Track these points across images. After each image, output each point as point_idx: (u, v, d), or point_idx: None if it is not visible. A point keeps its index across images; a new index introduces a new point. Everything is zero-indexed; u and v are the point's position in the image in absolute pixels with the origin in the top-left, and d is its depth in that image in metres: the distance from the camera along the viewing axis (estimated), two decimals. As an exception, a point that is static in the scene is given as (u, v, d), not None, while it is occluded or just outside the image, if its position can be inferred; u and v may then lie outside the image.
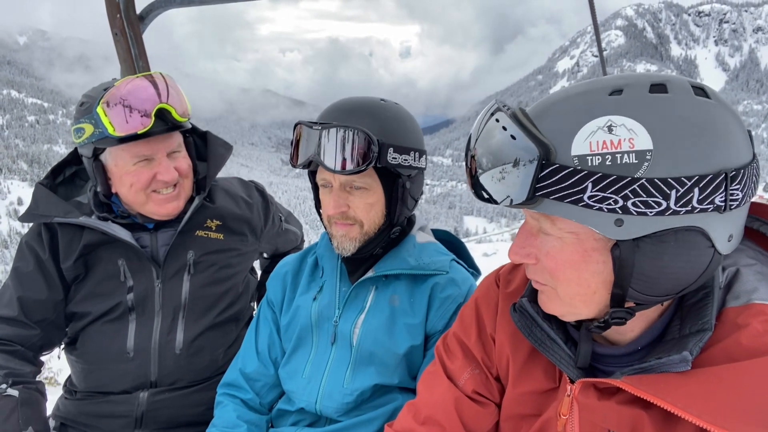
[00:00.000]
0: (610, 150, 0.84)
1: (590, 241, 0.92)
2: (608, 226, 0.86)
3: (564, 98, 0.92)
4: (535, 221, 0.99)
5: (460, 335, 1.34)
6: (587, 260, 0.93)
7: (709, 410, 0.86)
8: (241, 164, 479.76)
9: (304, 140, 1.54)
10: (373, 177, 1.58)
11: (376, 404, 1.67)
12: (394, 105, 1.64)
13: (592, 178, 0.84)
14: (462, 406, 1.27)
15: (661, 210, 0.84)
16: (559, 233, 0.94)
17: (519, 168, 0.88)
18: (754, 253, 1.05)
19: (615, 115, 0.85)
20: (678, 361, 0.91)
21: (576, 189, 0.85)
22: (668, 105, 0.85)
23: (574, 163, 0.85)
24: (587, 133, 0.85)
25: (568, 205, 0.87)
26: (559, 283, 0.98)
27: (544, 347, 1.11)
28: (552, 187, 0.87)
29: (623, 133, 0.84)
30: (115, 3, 2.45)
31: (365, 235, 1.64)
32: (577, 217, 0.87)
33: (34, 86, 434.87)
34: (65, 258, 1.97)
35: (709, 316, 0.94)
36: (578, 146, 0.85)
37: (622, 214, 0.85)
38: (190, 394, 2.01)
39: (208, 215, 2.11)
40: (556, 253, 0.96)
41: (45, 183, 2.05)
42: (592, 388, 1.03)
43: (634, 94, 0.87)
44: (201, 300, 2.05)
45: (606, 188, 0.84)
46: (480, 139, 0.93)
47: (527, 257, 1.00)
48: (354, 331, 1.68)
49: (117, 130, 1.77)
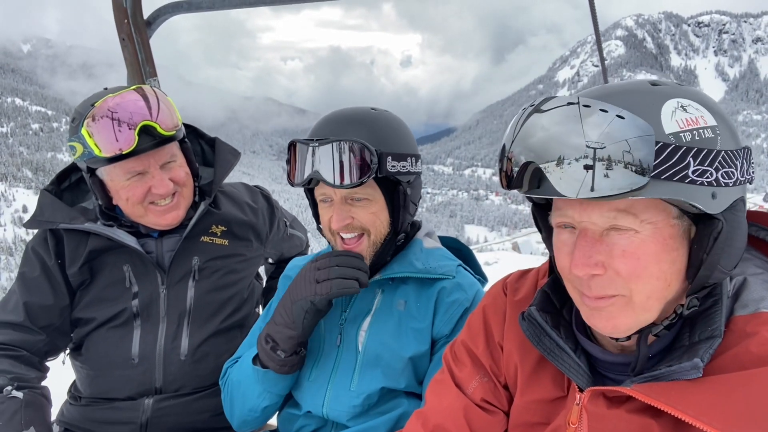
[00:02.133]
0: (694, 126, 0.86)
1: (668, 228, 0.92)
2: (707, 201, 0.87)
3: (614, 92, 0.91)
4: (605, 221, 0.93)
5: (468, 343, 1.34)
6: (666, 249, 0.93)
7: (720, 418, 0.85)
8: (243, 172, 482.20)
9: (300, 158, 1.52)
10: (373, 187, 1.58)
11: (383, 410, 1.66)
12: (385, 113, 1.63)
13: (691, 152, 0.85)
14: (471, 415, 1.27)
15: (735, 180, 0.89)
16: (639, 226, 0.92)
17: (632, 152, 0.83)
18: (760, 262, 1.06)
19: (679, 98, 0.87)
20: (689, 368, 0.91)
21: (681, 165, 0.85)
22: (699, 94, 0.92)
23: (671, 141, 0.85)
24: (670, 112, 0.86)
25: (676, 183, 0.85)
26: (639, 282, 0.94)
27: (553, 356, 1.10)
28: (662, 166, 0.85)
29: (695, 111, 0.87)
30: (122, 8, 2.47)
31: (373, 245, 1.63)
32: (685, 195, 0.86)
33: (38, 94, 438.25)
34: (71, 264, 1.97)
35: (719, 323, 0.94)
36: (668, 125, 0.86)
37: (716, 187, 0.87)
38: (195, 401, 2.00)
39: (213, 221, 2.11)
40: (635, 248, 0.93)
41: (50, 189, 2.06)
42: (602, 397, 1.03)
43: (671, 84, 0.91)
44: (206, 306, 2.05)
45: (703, 161, 0.85)
46: (580, 134, 0.84)
47: (596, 267, 0.95)
48: (360, 334, 1.68)
49: (103, 151, 1.76)
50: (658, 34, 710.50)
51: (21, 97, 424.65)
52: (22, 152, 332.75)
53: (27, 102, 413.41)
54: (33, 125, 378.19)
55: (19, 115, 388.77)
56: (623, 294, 0.96)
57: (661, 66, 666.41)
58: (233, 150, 2.23)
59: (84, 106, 1.81)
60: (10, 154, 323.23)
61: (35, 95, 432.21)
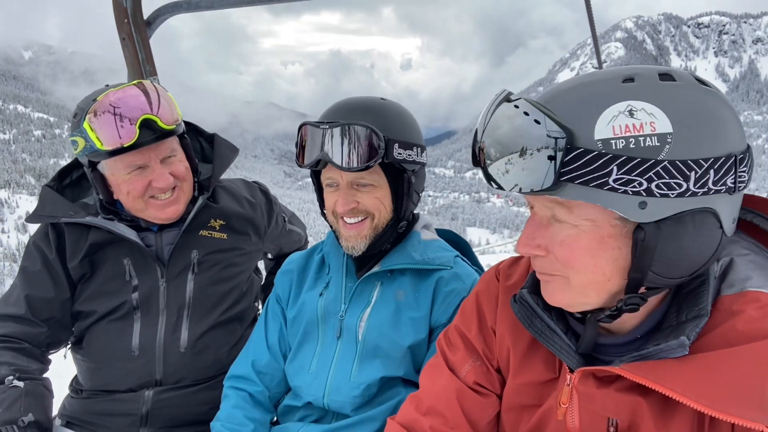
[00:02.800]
0: (633, 133, 0.85)
1: (607, 228, 0.93)
2: (633, 209, 0.87)
3: (574, 87, 0.93)
4: (547, 210, 0.99)
5: (462, 328, 1.36)
6: (604, 247, 0.94)
7: (706, 394, 0.87)
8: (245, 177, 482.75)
9: (309, 140, 1.56)
10: (379, 173, 1.61)
11: (382, 399, 1.68)
12: (394, 103, 1.67)
13: (617, 161, 0.85)
14: (464, 397, 1.29)
15: (682, 191, 0.86)
16: (575, 220, 0.95)
17: (541, 153, 0.88)
18: (747, 244, 1.07)
19: (633, 100, 0.87)
20: (676, 347, 0.93)
21: (602, 172, 0.86)
22: (680, 92, 0.89)
23: (598, 146, 0.86)
24: (609, 118, 0.87)
25: (593, 189, 0.87)
26: (574, 271, 0.98)
27: (544, 338, 1.12)
28: (577, 171, 0.87)
29: (644, 117, 0.86)
30: (122, 8, 2.50)
31: (375, 229, 1.66)
32: (602, 201, 0.88)
33: (40, 101, 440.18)
34: (72, 257, 2.00)
35: (705, 302, 0.96)
36: (601, 130, 0.87)
37: (646, 197, 0.86)
38: (195, 393, 2.02)
39: (212, 215, 2.14)
40: (571, 241, 0.96)
41: (52, 185, 2.08)
42: (592, 377, 1.05)
43: (646, 81, 0.89)
44: (205, 299, 2.07)
45: (631, 170, 0.85)
46: (493, 126, 0.93)
47: (537, 249, 1.01)
48: (360, 325, 1.69)
49: (104, 144, 1.79)
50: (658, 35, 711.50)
51: (23, 104, 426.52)
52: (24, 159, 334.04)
53: (29, 109, 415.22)
54: (35, 132, 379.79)
55: (22, 122, 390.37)
56: (563, 275, 1.00)
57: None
58: (231, 146, 2.25)
59: (86, 102, 1.85)
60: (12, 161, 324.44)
61: (37, 102, 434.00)
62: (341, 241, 1.69)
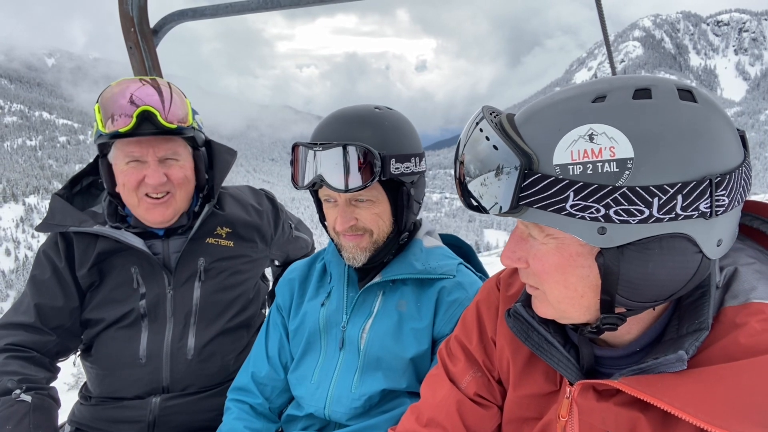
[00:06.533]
0: (591, 159, 0.84)
1: (575, 246, 0.93)
2: (591, 234, 0.86)
3: (549, 104, 0.92)
4: (524, 226, 1.00)
5: (462, 338, 1.35)
6: (572, 265, 0.94)
7: (706, 410, 0.85)
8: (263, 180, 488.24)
9: (302, 161, 1.53)
10: (378, 189, 1.58)
11: (385, 409, 1.67)
12: (389, 112, 1.63)
13: (573, 187, 0.84)
14: (464, 409, 1.28)
15: (644, 218, 0.83)
16: (543, 239, 0.95)
17: (501, 177, 0.88)
18: (753, 251, 1.04)
19: (596, 123, 0.85)
20: (674, 361, 0.91)
21: (558, 198, 0.85)
22: (651, 111, 0.85)
23: (556, 172, 0.85)
24: (569, 142, 0.85)
25: (551, 213, 0.87)
26: (547, 286, 0.99)
27: (542, 351, 1.11)
28: (534, 197, 0.87)
29: (604, 141, 0.83)
30: (129, 17, 2.52)
31: (375, 243, 1.64)
32: (560, 225, 0.87)
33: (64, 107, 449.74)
34: (80, 266, 2.02)
35: (706, 315, 0.94)
36: (560, 155, 0.85)
37: (605, 223, 0.85)
38: (202, 400, 2.03)
39: (218, 222, 2.15)
40: (542, 256, 0.96)
41: (62, 193, 2.11)
42: (591, 390, 1.03)
43: (616, 100, 0.86)
44: (212, 306, 2.08)
45: (587, 197, 0.84)
46: (467, 146, 0.94)
47: (518, 261, 1.01)
48: (362, 336, 1.68)
49: (106, 127, 1.84)
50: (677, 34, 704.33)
51: (48, 110, 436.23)
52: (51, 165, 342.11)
53: (54, 115, 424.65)
54: (60, 138, 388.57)
55: (47, 129, 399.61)
56: (542, 289, 1.02)
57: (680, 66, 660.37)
58: (229, 149, 2.24)
59: (105, 89, 1.92)
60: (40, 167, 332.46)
61: (61, 108, 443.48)
62: (342, 253, 1.69)
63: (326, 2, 2.44)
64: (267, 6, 2.50)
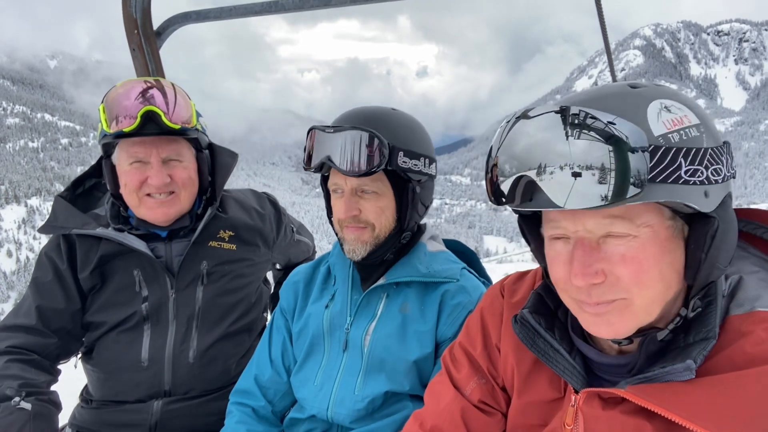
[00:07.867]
0: (680, 126, 0.86)
1: (663, 231, 0.92)
2: (701, 200, 0.87)
3: (597, 98, 0.91)
4: (600, 229, 0.92)
5: (466, 345, 1.34)
6: (664, 251, 0.92)
7: (713, 419, 0.85)
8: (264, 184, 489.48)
9: (317, 144, 1.58)
10: (383, 182, 1.62)
11: (388, 412, 1.67)
12: (405, 114, 1.68)
13: (682, 152, 0.85)
14: (468, 416, 1.27)
15: (722, 176, 0.89)
16: (636, 230, 0.91)
17: (624, 158, 0.81)
18: (757, 260, 1.05)
19: (659, 99, 0.87)
20: (682, 370, 0.90)
21: (674, 167, 0.85)
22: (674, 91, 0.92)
23: (661, 142, 0.85)
24: (655, 114, 0.85)
25: (671, 185, 0.85)
26: (641, 287, 0.93)
27: (548, 358, 1.10)
28: (656, 169, 0.84)
29: (678, 111, 0.87)
30: (132, 19, 2.52)
31: (376, 238, 1.66)
32: (680, 197, 0.86)
33: (66, 109, 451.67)
34: (82, 268, 2.01)
35: (713, 324, 0.93)
36: (657, 127, 0.85)
37: (708, 185, 0.87)
38: (204, 404, 2.02)
39: (221, 226, 2.15)
40: (635, 253, 0.91)
41: (65, 195, 2.11)
42: (597, 398, 1.03)
43: (645, 86, 0.91)
44: (214, 309, 2.08)
45: (694, 160, 0.85)
46: (578, 142, 0.83)
47: (596, 276, 0.93)
48: (365, 338, 1.69)
49: (110, 127, 1.84)
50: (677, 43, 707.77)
51: (50, 112, 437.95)
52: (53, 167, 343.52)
53: (56, 117, 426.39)
54: (62, 140, 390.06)
55: (49, 131, 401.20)
56: (623, 297, 0.94)
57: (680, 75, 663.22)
58: (231, 152, 2.24)
59: (110, 90, 1.92)
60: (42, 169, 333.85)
61: (63, 110, 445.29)
62: (344, 246, 1.70)
63: (329, 6, 2.43)
64: (270, 9, 2.51)
